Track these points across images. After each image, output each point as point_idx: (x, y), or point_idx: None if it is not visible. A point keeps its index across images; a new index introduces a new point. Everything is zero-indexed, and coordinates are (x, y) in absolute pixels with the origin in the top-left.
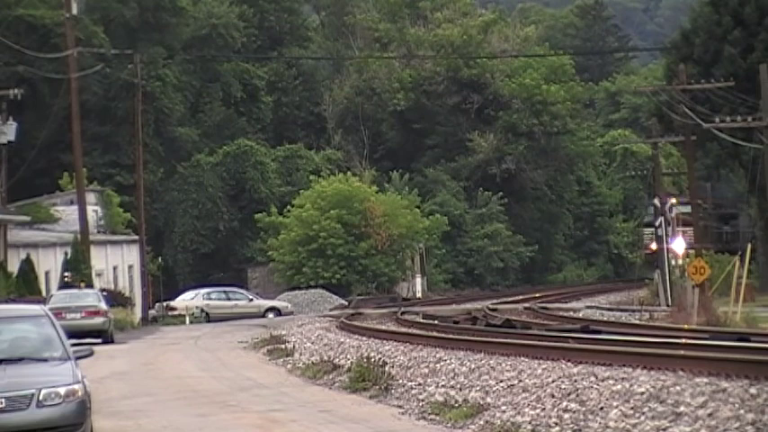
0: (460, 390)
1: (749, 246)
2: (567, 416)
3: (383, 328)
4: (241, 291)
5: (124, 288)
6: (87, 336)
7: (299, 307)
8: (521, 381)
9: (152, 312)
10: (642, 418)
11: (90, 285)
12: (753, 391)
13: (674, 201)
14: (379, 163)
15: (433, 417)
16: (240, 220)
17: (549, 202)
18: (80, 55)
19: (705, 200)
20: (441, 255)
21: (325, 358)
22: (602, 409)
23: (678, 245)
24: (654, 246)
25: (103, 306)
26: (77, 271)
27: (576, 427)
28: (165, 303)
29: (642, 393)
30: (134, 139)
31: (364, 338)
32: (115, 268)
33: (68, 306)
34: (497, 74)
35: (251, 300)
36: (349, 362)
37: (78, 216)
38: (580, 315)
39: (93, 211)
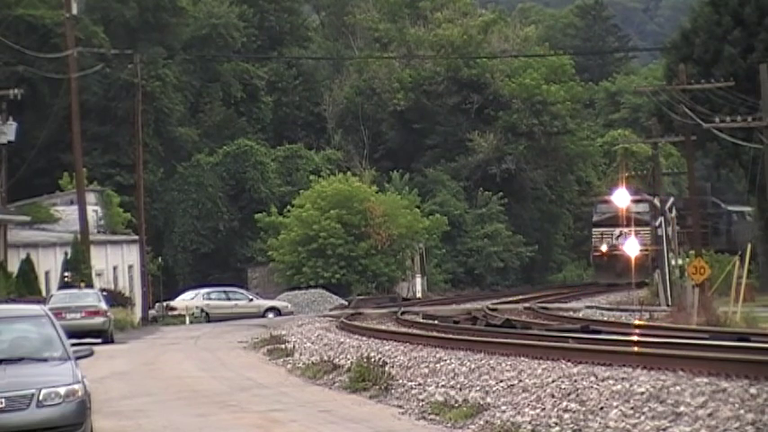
0: (460, 390)
1: (749, 246)
2: (567, 416)
3: (383, 328)
4: (241, 291)
5: (124, 288)
6: (87, 336)
7: (299, 307)
8: (521, 381)
9: (152, 312)
10: (642, 418)
11: (90, 285)
12: (753, 391)
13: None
14: (379, 163)
15: (433, 417)
16: (240, 220)
17: (549, 202)
18: (80, 55)
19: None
20: (441, 255)
21: (325, 358)
22: (602, 409)
23: (631, 246)
24: (604, 248)
25: (103, 306)
26: (77, 271)
27: (575, 427)
28: (165, 303)
29: (642, 393)
30: (134, 139)
31: (364, 338)
32: (115, 268)
33: (68, 306)
34: (497, 74)
35: (251, 300)
36: (349, 362)
37: (78, 216)
38: (580, 315)
39: (93, 211)
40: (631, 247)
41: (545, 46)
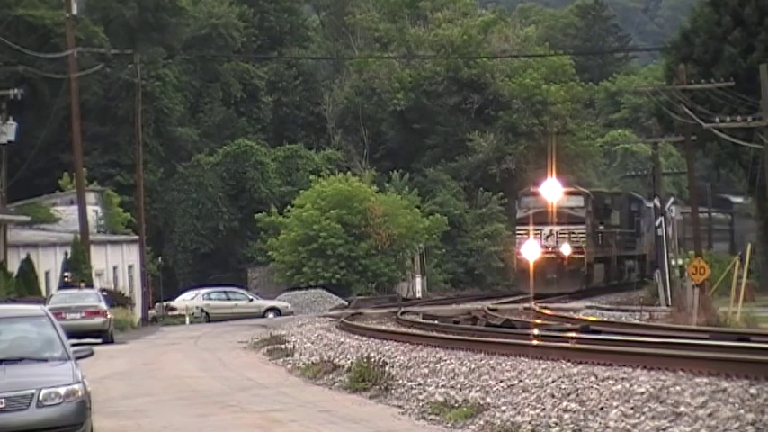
0: (460, 390)
1: (749, 245)
2: (567, 416)
3: (383, 328)
4: (241, 291)
5: (124, 288)
6: (87, 336)
7: (299, 307)
8: (521, 381)
9: (152, 312)
10: (642, 418)
11: (90, 285)
12: (753, 391)
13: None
14: (379, 163)
15: (433, 417)
16: (240, 220)
17: None
18: (80, 55)
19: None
20: (441, 255)
21: (326, 358)
22: (602, 409)
23: (529, 250)
24: (530, 250)
25: (103, 306)
26: (77, 271)
27: (575, 427)
28: (165, 303)
29: (642, 393)
30: (134, 139)
31: (364, 338)
32: (115, 268)
33: (68, 306)
34: (497, 74)
35: (251, 300)
36: (349, 362)
37: (78, 216)
38: (580, 315)
39: (93, 211)
40: (564, 250)
41: (545, 46)
